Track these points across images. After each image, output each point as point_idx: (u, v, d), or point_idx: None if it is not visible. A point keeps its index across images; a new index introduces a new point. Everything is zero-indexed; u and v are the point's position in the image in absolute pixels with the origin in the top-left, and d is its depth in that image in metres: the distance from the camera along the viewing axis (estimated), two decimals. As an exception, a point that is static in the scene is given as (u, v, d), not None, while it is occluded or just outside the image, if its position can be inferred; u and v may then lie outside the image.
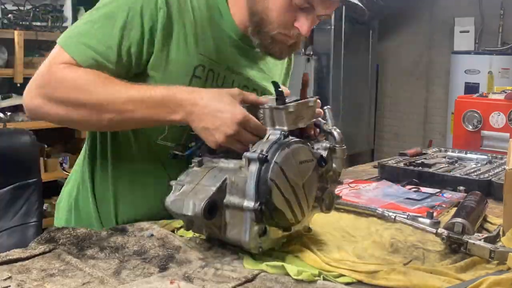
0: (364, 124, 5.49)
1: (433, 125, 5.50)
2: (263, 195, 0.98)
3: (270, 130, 1.06)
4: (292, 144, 1.04)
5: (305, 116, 1.11)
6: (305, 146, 1.07)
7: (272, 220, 1.01)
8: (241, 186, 1.00)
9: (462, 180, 1.64)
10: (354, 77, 5.19)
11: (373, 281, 0.98)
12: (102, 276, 0.95)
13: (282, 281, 0.95)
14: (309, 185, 1.07)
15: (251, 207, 0.98)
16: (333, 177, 1.15)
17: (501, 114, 2.90)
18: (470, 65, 4.69)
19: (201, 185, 1.03)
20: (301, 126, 1.10)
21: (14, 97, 3.42)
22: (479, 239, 1.09)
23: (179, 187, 1.05)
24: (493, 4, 4.92)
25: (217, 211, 1.01)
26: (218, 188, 1.01)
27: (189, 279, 0.95)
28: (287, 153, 1.02)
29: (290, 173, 1.02)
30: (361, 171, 1.92)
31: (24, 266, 0.98)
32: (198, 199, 1.00)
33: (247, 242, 1.01)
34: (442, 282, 0.95)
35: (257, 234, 1.00)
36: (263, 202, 0.98)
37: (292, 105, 1.07)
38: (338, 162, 1.15)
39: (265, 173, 0.98)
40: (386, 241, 1.17)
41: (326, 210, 1.14)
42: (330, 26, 4.97)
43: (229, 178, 1.02)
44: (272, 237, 1.04)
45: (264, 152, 0.99)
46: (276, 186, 0.99)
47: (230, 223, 1.02)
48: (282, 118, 1.06)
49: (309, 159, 1.07)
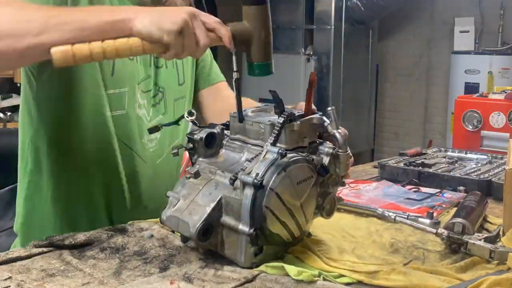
0: (364, 124, 5.50)
1: (433, 125, 5.50)
2: (258, 221, 0.95)
3: (268, 147, 1.00)
4: (290, 165, 0.98)
5: (307, 135, 1.06)
6: (304, 163, 1.01)
7: (268, 242, 0.99)
8: (236, 208, 0.97)
9: (462, 180, 1.64)
10: (354, 77, 5.19)
11: (373, 281, 0.98)
12: (102, 276, 0.95)
13: (282, 282, 0.95)
14: (308, 202, 1.04)
15: (246, 231, 0.96)
16: (335, 180, 1.11)
17: (501, 114, 2.90)
18: (470, 65, 4.69)
19: (196, 203, 1.00)
20: (303, 145, 1.05)
21: (14, 97, 3.43)
22: (479, 239, 1.09)
23: (175, 201, 1.03)
24: (493, 4, 4.93)
25: (212, 233, 0.99)
26: (213, 209, 0.98)
27: (189, 279, 0.95)
28: (284, 177, 0.97)
29: (286, 196, 0.98)
30: (361, 171, 1.92)
31: (24, 266, 0.98)
32: (192, 220, 0.98)
33: (242, 263, 0.99)
34: (442, 282, 0.95)
35: (252, 255, 0.99)
36: (258, 227, 0.96)
37: (296, 123, 1.02)
38: (341, 167, 1.10)
39: (260, 199, 0.95)
40: (386, 241, 1.17)
41: (326, 216, 1.11)
42: (330, 26, 4.98)
43: (224, 198, 0.98)
44: (269, 253, 1.02)
45: (260, 177, 0.94)
46: (271, 212, 0.96)
47: (226, 242, 1.00)
48: (285, 136, 1.02)
49: (308, 177, 1.02)
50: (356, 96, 5.29)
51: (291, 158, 0.99)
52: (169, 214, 1.02)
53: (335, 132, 1.10)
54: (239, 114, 1.06)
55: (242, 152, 1.07)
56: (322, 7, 5.03)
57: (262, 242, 0.99)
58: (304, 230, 1.07)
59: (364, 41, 5.33)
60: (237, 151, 1.08)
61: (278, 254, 1.04)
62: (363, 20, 5.15)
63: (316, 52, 5.08)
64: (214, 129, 1.09)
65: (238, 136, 1.09)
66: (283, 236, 1.02)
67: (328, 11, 4.99)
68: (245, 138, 1.08)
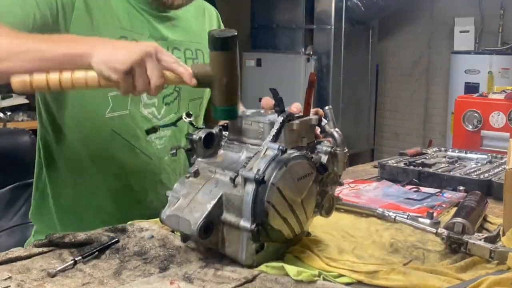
0: (364, 124, 5.49)
1: (433, 125, 5.50)
2: (260, 216, 0.96)
3: (268, 143, 1.00)
4: (290, 161, 0.99)
5: (306, 135, 1.07)
6: (304, 160, 1.03)
7: (269, 238, 1.00)
8: (237, 205, 0.97)
9: (462, 180, 1.64)
10: (354, 77, 5.19)
11: (373, 281, 0.98)
12: (102, 276, 0.95)
13: (282, 282, 0.95)
14: (308, 198, 1.05)
15: (247, 227, 0.96)
16: (334, 179, 1.13)
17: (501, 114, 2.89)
18: (470, 65, 4.69)
19: (197, 201, 1.00)
20: (302, 145, 1.07)
21: (14, 97, 3.42)
22: (479, 239, 1.09)
23: (175, 200, 1.03)
24: (493, 4, 4.92)
25: (213, 230, 0.99)
26: (213, 206, 0.98)
27: (189, 279, 0.95)
28: (285, 172, 0.98)
29: (288, 191, 0.99)
30: (361, 171, 1.92)
31: (24, 266, 0.98)
32: (193, 218, 0.97)
33: (244, 260, 0.99)
34: (442, 282, 0.95)
35: (254, 251, 0.99)
36: (259, 223, 0.96)
37: (295, 123, 1.03)
38: (339, 165, 1.12)
39: (261, 194, 0.95)
40: (386, 241, 1.17)
41: (325, 214, 1.12)
42: (330, 26, 4.97)
43: (225, 195, 0.99)
44: (270, 250, 1.02)
45: (261, 172, 0.95)
46: (273, 207, 0.97)
47: (227, 239, 1.00)
48: (284, 135, 1.02)
49: (308, 173, 1.03)
50: (356, 96, 5.29)
51: (292, 154, 1.00)
52: (169, 213, 1.02)
53: (333, 131, 1.12)
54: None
55: (241, 152, 1.07)
56: (322, 7, 5.03)
57: (263, 239, 0.99)
58: (304, 227, 1.08)
59: (364, 41, 5.33)
60: (236, 151, 1.08)
61: (279, 252, 1.05)
62: (363, 20, 5.14)
63: (316, 52, 5.08)
64: (212, 129, 1.09)
65: (237, 136, 1.09)
66: (284, 232, 1.02)
67: (328, 11, 4.99)
68: (244, 138, 1.08)
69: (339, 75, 5.04)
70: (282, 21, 5.32)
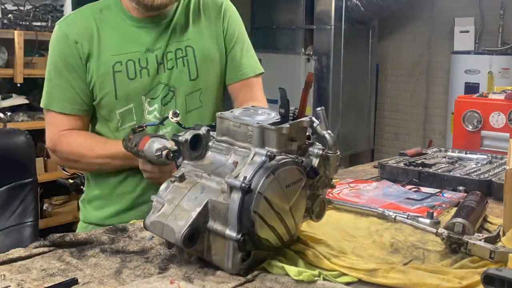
0: (364, 124, 5.50)
1: (433, 125, 5.50)
2: (246, 226, 0.92)
3: (256, 149, 0.97)
4: (279, 168, 0.94)
5: (297, 138, 1.02)
6: (293, 166, 0.98)
7: (256, 247, 0.97)
8: (223, 213, 0.94)
9: (462, 180, 1.64)
10: (354, 77, 5.19)
11: (372, 279, 0.98)
12: (102, 276, 0.95)
13: (282, 281, 0.95)
14: (297, 205, 1.01)
15: (233, 237, 0.93)
16: (325, 181, 1.09)
17: (501, 114, 2.89)
18: (470, 65, 4.69)
19: (182, 208, 0.97)
20: (292, 149, 1.02)
21: (14, 97, 3.41)
22: (479, 239, 1.09)
23: (159, 206, 0.99)
24: (493, 4, 4.92)
25: (198, 238, 0.96)
26: (199, 214, 0.94)
27: (189, 279, 0.95)
28: (272, 180, 0.93)
29: (275, 200, 0.95)
30: (361, 171, 1.92)
31: (24, 266, 0.98)
32: (177, 226, 0.94)
33: (230, 269, 0.96)
34: (440, 280, 0.95)
35: (240, 260, 0.96)
36: (246, 233, 0.93)
37: (285, 126, 0.98)
38: (331, 168, 1.08)
39: (248, 203, 0.91)
40: (386, 241, 1.17)
41: (316, 219, 1.09)
42: (330, 26, 4.98)
43: (210, 202, 0.95)
44: (257, 258, 0.99)
45: (247, 180, 0.91)
46: (260, 217, 0.93)
47: (213, 247, 0.97)
48: (273, 139, 0.98)
49: (298, 180, 0.99)
50: (356, 96, 5.29)
51: (280, 160, 0.96)
52: (153, 220, 0.99)
53: (325, 133, 1.06)
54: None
55: (229, 155, 1.03)
56: (322, 7, 5.03)
57: (250, 248, 0.96)
58: (293, 234, 1.04)
59: (364, 41, 5.33)
60: (224, 153, 1.04)
61: (266, 259, 1.01)
62: (363, 20, 5.15)
63: (316, 52, 5.08)
64: (199, 130, 1.06)
65: (225, 138, 1.05)
66: (272, 241, 0.99)
67: (328, 11, 5.00)
68: (232, 140, 1.04)
69: (339, 75, 5.05)
70: (282, 21, 5.32)
